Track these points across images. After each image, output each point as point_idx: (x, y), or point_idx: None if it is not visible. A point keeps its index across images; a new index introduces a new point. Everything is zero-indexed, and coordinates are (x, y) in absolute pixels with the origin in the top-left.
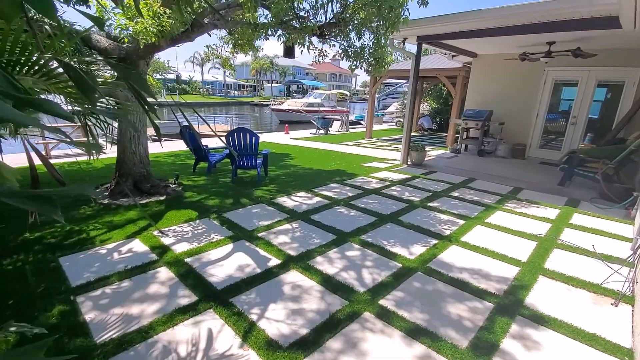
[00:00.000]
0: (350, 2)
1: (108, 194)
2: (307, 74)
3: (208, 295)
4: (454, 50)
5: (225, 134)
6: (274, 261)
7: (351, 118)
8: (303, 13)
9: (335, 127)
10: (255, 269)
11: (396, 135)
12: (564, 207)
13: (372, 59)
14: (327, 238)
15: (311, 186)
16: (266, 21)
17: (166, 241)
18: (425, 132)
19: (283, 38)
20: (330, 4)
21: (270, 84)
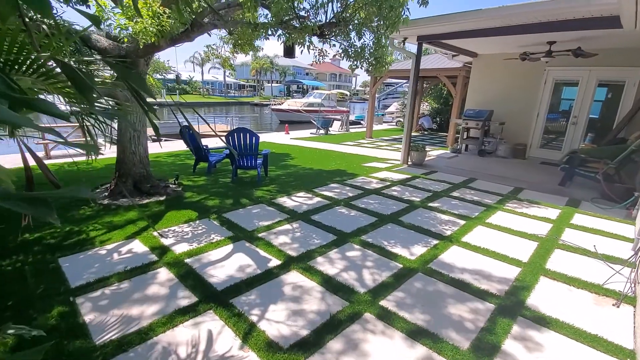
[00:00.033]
0: (350, 1)
1: (108, 194)
2: (307, 73)
3: (208, 296)
4: (454, 50)
5: (225, 134)
6: (274, 262)
7: (351, 118)
8: (303, 13)
9: (336, 127)
10: (256, 269)
11: (396, 135)
12: (564, 207)
13: (372, 58)
14: (328, 238)
15: (311, 186)
16: (266, 21)
17: (166, 242)
18: (426, 132)
19: (283, 38)
20: (330, 3)
21: (270, 84)
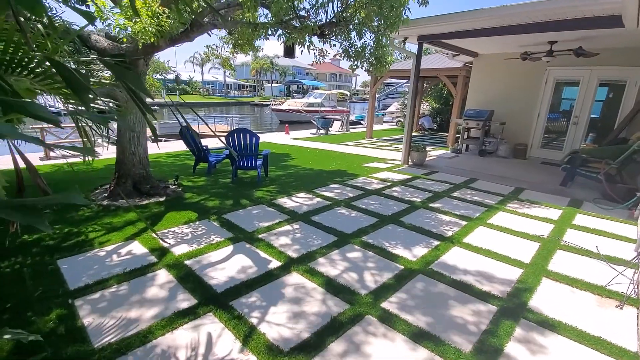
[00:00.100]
0: (350, 1)
1: (107, 195)
2: (307, 74)
3: (208, 299)
4: (454, 50)
5: (225, 134)
6: (275, 263)
7: (351, 118)
8: (303, 12)
9: (336, 127)
10: (256, 271)
11: (397, 135)
12: (566, 207)
13: (373, 58)
14: (328, 239)
15: (312, 187)
16: (266, 21)
17: (165, 243)
18: (426, 132)
19: (283, 38)
20: (330, 3)
21: (270, 84)
